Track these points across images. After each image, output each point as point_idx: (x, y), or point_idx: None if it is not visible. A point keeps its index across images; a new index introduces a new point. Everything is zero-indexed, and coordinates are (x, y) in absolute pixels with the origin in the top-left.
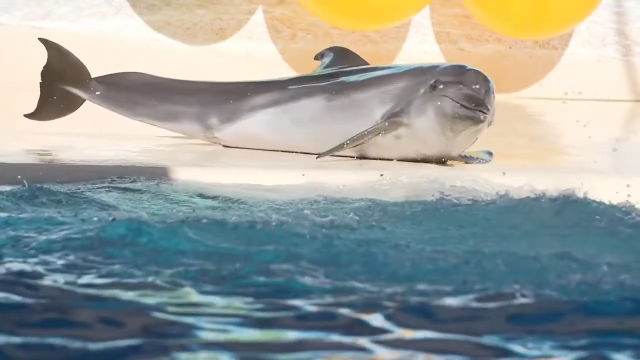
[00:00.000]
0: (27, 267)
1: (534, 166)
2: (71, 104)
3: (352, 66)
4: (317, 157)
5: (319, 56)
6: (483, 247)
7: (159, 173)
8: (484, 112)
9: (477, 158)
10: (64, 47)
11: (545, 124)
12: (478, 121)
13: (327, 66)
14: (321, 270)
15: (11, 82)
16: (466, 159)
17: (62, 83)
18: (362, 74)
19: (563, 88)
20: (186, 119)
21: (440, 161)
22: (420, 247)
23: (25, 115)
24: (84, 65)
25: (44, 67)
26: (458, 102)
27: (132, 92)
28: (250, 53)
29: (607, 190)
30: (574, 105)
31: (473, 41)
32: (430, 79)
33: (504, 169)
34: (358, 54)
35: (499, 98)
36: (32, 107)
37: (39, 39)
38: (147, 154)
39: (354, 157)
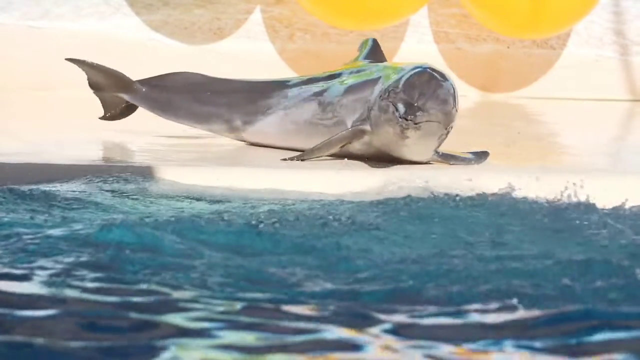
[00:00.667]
0: (17, 270)
1: (533, 166)
2: (127, 106)
3: (373, 62)
4: (281, 159)
5: (361, 45)
6: (482, 250)
7: (154, 173)
8: (406, 120)
9: (462, 158)
10: (92, 61)
11: (543, 123)
12: (404, 130)
13: (364, 58)
14: (319, 272)
15: (9, 82)
16: (450, 159)
17: (109, 90)
18: (354, 77)
19: (561, 88)
20: (216, 120)
21: (426, 162)
22: (417, 249)
23: (100, 118)
24: (119, 72)
25: (87, 80)
26: (396, 109)
27: (171, 93)
28: (249, 52)
29: (606, 190)
30: (574, 106)
31: (471, 41)
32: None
33: (502, 169)
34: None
35: (497, 98)
36: (30, 106)
37: (66, 59)
38: (145, 154)
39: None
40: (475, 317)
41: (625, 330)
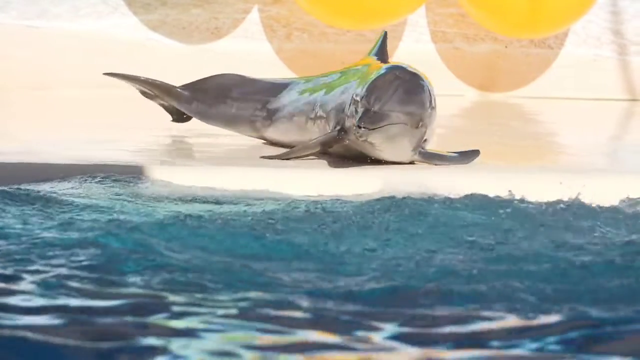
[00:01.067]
0: (13, 272)
1: (531, 166)
2: (180, 112)
3: (379, 58)
4: (260, 157)
5: (384, 33)
6: (481, 250)
7: (153, 173)
8: (360, 128)
9: (447, 157)
10: (131, 74)
11: (541, 123)
12: (360, 136)
13: (374, 54)
14: (317, 273)
15: (7, 82)
16: (434, 159)
17: (159, 98)
18: (342, 79)
19: (559, 87)
20: (241, 122)
21: (410, 162)
22: (416, 249)
23: (172, 120)
24: (159, 81)
25: (138, 90)
26: (358, 114)
27: (206, 97)
28: (246, 52)
29: (604, 189)
30: (572, 105)
31: (469, 40)
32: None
33: (499, 169)
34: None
35: (495, 97)
36: (28, 106)
37: (104, 73)
38: (145, 153)
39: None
40: (474, 318)
41: (625, 331)
